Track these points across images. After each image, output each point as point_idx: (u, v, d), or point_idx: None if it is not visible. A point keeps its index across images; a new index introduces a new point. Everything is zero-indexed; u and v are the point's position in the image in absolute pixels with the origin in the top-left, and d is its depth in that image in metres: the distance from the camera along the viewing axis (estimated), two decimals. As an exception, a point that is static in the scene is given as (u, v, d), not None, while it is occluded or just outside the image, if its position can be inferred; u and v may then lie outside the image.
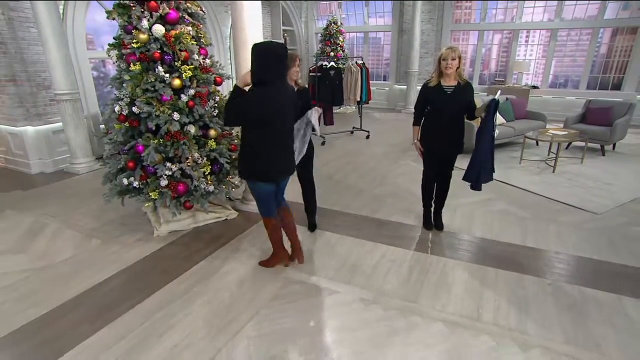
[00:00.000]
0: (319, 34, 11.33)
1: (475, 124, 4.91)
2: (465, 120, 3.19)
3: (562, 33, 8.98)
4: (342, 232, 3.52)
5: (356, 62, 7.41)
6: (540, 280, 2.77)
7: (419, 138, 3.31)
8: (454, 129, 3.16)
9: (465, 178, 3.15)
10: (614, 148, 6.20)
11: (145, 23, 2.93)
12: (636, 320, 2.36)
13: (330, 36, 10.13)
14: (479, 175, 3.06)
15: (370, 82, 7.59)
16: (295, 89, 2.91)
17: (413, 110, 3.37)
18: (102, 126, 5.85)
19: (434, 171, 3.37)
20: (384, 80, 11.60)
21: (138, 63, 2.98)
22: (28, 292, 2.70)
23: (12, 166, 5.62)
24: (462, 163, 3.39)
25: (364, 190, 4.55)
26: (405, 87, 10.36)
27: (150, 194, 3.01)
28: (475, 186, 3.13)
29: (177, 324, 2.34)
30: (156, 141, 3.00)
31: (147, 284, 2.74)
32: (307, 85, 2.93)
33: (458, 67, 2.96)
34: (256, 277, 2.84)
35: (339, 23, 10.15)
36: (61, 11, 5.23)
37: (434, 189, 3.49)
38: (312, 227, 3.56)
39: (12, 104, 5.12)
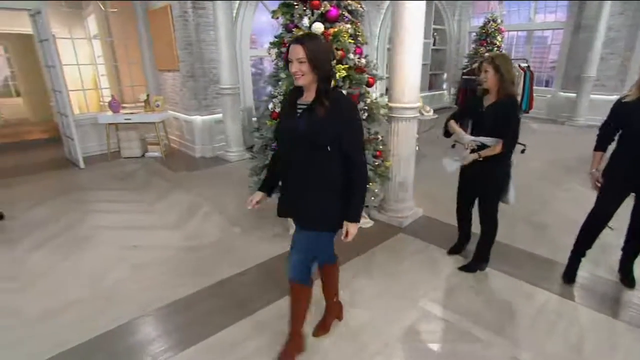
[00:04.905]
0: (473, 33, 10.35)
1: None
2: None
3: None
4: (491, 264, 2.97)
5: (519, 65, 6.43)
6: None
7: (598, 167, 2.55)
8: None
9: None
10: None
11: (305, 21, 2.92)
12: None
13: (486, 35, 9.12)
14: None
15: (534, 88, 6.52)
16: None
17: (598, 130, 2.60)
18: (254, 119, 6.44)
19: (612, 211, 2.55)
20: (546, 86, 9.95)
21: (295, 61, 2.99)
22: (179, 269, 2.97)
23: (183, 149, 6.59)
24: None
25: (519, 216, 3.82)
26: (574, 94, 8.64)
27: (291, 192, 3.01)
28: None
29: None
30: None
31: (279, 285, 2.70)
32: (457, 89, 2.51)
33: None
34: (389, 300, 2.57)
35: (498, 21, 9.06)
36: (234, 13, 5.84)
37: (599, 233, 2.65)
38: (465, 268, 2.94)
39: (190, 96, 5.95)
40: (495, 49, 9.06)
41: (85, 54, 7.02)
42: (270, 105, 3.09)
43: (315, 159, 1.67)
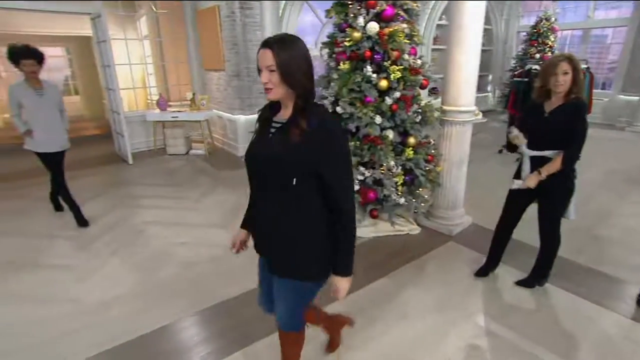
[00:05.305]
0: (523, 33, 9.87)
1: None
2: None
3: None
4: (550, 280, 2.76)
5: (577, 66, 6.01)
6: None
7: None
8: None
9: None
10: None
11: (360, 20, 2.85)
12: None
13: (538, 35, 8.66)
14: None
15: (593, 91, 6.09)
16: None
17: None
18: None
19: None
20: (602, 88, 9.31)
21: (347, 62, 2.93)
22: (225, 269, 2.97)
23: (226, 147, 6.71)
24: None
25: (579, 229, 3.54)
26: (637, 97, 8.05)
27: (340, 196, 2.95)
28: None
29: (354, 353, 2.14)
30: (353, 143, 2.91)
31: (326, 291, 2.64)
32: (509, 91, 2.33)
33: None
34: (443, 312, 2.45)
35: (552, 20, 8.57)
36: (280, 13, 5.87)
37: None
38: (522, 282, 2.73)
39: (234, 95, 6.04)
40: (547, 49, 8.59)
41: (136, 54, 7.32)
42: (321, 107, 3.04)
43: (284, 193, 1.31)
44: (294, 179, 1.27)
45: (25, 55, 3.11)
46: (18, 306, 2.55)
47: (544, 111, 2.35)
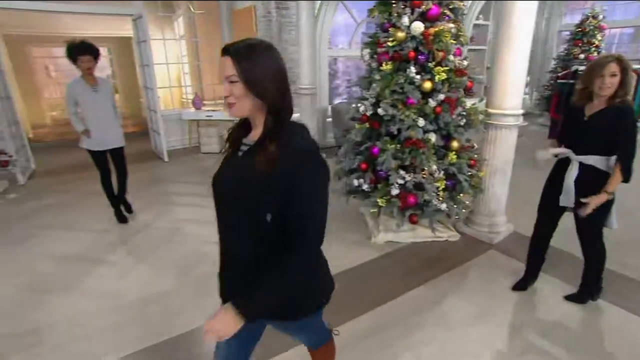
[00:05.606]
0: (565, 32, 9.43)
1: None
2: None
3: None
4: (602, 295, 2.60)
5: (629, 67, 5.65)
6: None
7: None
8: None
9: None
10: None
11: (405, 20, 2.77)
12: None
13: (583, 34, 8.23)
14: None
15: (645, 93, 5.70)
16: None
17: None
18: (329, 120, 6.41)
19: None
20: (654, 90, 8.75)
21: (390, 63, 2.86)
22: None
23: (257, 147, 6.75)
24: None
25: (626, 241, 3.31)
26: (692, 102, 7.49)
27: (378, 200, 2.89)
28: None
29: None
30: (393, 146, 2.83)
31: (362, 298, 2.59)
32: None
33: None
34: (485, 323, 2.34)
35: (599, 17, 8.13)
36: (315, 13, 5.85)
37: None
38: (572, 297, 2.55)
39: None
40: (593, 49, 8.16)
41: (173, 53, 7.49)
42: (362, 108, 2.99)
43: (255, 223, 1.08)
44: (268, 214, 1.04)
45: (82, 51, 3.12)
46: (66, 299, 2.64)
47: (583, 115, 2.19)
